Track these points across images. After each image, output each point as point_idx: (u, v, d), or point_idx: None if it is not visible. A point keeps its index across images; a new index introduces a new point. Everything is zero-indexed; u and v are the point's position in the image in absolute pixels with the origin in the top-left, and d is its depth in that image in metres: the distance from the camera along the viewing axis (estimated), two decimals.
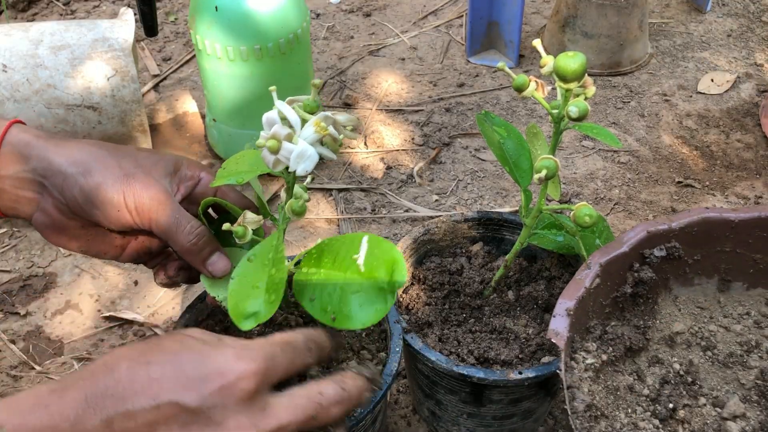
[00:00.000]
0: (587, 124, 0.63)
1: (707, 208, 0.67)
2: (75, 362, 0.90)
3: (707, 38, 1.44)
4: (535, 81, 0.61)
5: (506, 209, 1.08)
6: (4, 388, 0.87)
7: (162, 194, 0.58)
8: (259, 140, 0.53)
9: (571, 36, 1.34)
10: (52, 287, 0.99)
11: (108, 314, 0.95)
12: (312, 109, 0.55)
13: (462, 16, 1.50)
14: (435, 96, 1.30)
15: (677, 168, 1.15)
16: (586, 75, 0.58)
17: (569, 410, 0.56)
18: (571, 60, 0.56)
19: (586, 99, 0.59)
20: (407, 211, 1.08)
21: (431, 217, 1.06)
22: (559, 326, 0.58)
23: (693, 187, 1.11)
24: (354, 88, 1.32)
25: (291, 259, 0.65)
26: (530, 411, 0.74)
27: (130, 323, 0.94)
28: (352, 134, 0.56)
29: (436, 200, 1.10)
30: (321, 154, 0.55)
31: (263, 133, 0.53)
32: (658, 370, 0.62)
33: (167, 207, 0.58)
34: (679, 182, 1.12)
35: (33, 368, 0.90)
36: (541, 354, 0.69)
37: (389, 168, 1.16)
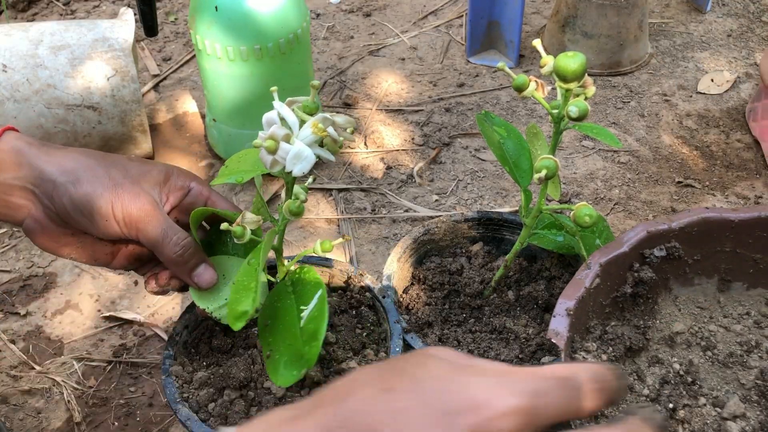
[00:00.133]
0: (587, 124, 0.63)
1: (707, 208, 0.67)
2: (75, 362, 0.90)
3: (707, 38, 1.44)
4: (535, 81, 0.61)
5: (506, 209, 1.08)
6: (4, 388, 0.87)
7: (150, 205, 0.59)
8: (257, 140, 0.53)
9: (571, 36, 1.34)
10: (52, 287, 0.99)
11: (108, 314, 0.95)
12: (311, 110, 0.55)
13: (462, 16, 1.50)
14: (435, 96, 1.30)
15: (677, 168, 1.15)
16: (586, 75, 0.58)
17: None
18: (571, 60, 0.56)
19: (586, 99, 0.59)
20: (407, 211, 1.08)
21: (431, 217, 1.06)
22: (559, 326, 0.58)
23: (693, 187, 1.11)
24: (354, 88, 1.32)
25: (291, 260, 0.65)
26: None
27: (130, 323, 0.94)
28: (350, 136, 0.57)
29: (436, 200, 1.10)
30: (319, 156, 0.55)
31: (261, 134, 0.54)
32: (658, 370, 0.62)
33: (154, 218, 0.59)
34: (679, 182, 1.12)
35: (33, 368, 0.90)
36: (541, 354, 0.69)
37: (389, 168, 1.16)
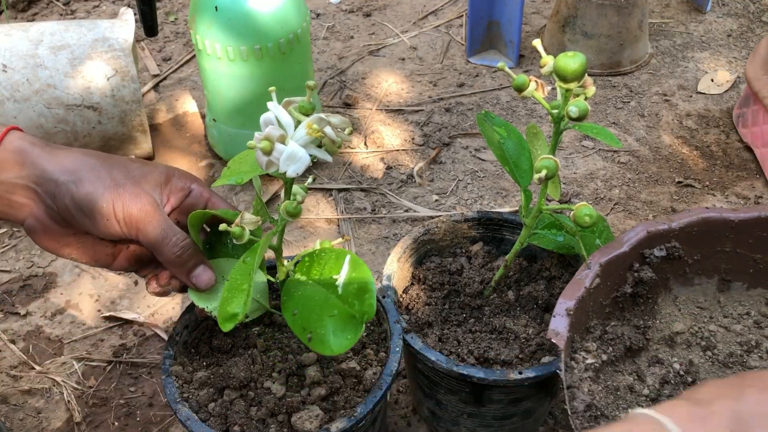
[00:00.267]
0: (587, 124, 0.63)
1: (707, 208, 0.67)
2: (75, 362, 0.90)
3: (707, 38, 1.44)
4: (535, 81, 0.61)
5: (506, 209, 1.08)
6: (4, 388, 0.87)
7: (150, 206, 0.59)
8: (251, 141, 0.53)
9: (571, 36, 1.34)
10: (52, 287, 0.99)
11: (108, 314, 0.95)
12: (307, 111, 0.54)
13: (462, 16, 1.50)
14: (435, 96, 1.30)
15: (677, 168, 1.15)
16: (586, 75, 0.58)
17: (569, 410, 0.56)
18: (571, 60, 0.56)
19: (586, 99, 0.59)
20: (407, 211, 1.08)
21: (431, 217, 1.06)
22: (559, 326, 0.58)
23: (693, 187, 1.11)
24: (354, 88, 1.32)
25: (290, 260, 0.65)
26: (530, 411, 0.74)
27: (130, 323, 0.94)
28: (347, 137, 0.56)
29: (436, 200, 1.10)
30: (315, 156, 0.55)
31: (257, 134, 0.54)
32: (658, 370, 0.62)
33: (154, 219, 0.59)
34: (679, 182, 1.12)
35: (33, 368, 0.90)
36: (541, 354, 0.69)
37: (389, 168, 1.16)
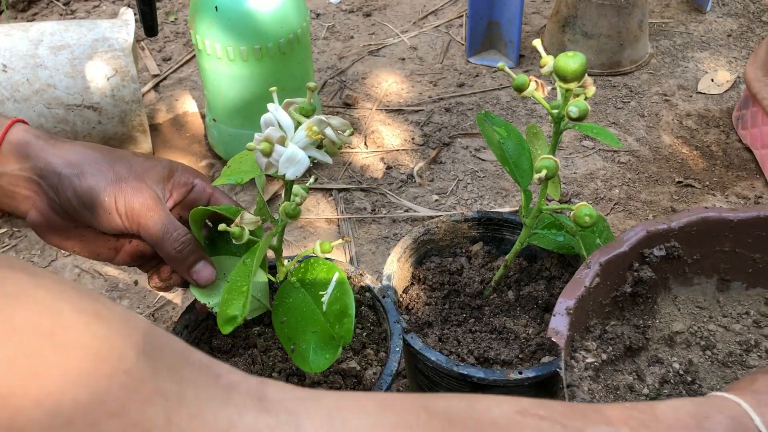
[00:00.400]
0: (587, 124, 0.63)
1: (706, 208, 0.67)
2: None
3: (707, 38, 1.44)
4: (535, 81, 0.61)
5: (506, 209, 1.08)
6: None
7: (152, 200, 0.59)
8: (251, 143, 0.53)
9: (571, 36, 1.34)
10: None
11: None
12: (307, 112, 0.55)
13: (462, 16, 1.50)
14: (435, 96, 1.30)
15: (677, 168, 1.15)
16: (586, 75, 0.58)
17: None
18: (571, 60, 0.56)
19: (586, 99, 0.59)
20: (407, 211, 1.08)
21: (431, 217, 1.06)
22: (559, 325, 0.58)
23: (693, 187, 1.11)
24: (354, 88, 1.32)
25: (290, 260, 0.65)
26: None
27: None
28: (348, 138, 0.57)
29: (436, 200, 1.10)
30: (314, 158, 0.55)
31: (257, 136, 0.54)
32: (658, 370, 0.62)
33: (156, 213, 0.59)
34: (679, 182, 1.12)
35: None
36: (541, 354, 0.69)
37: (389, 168, 1.16)
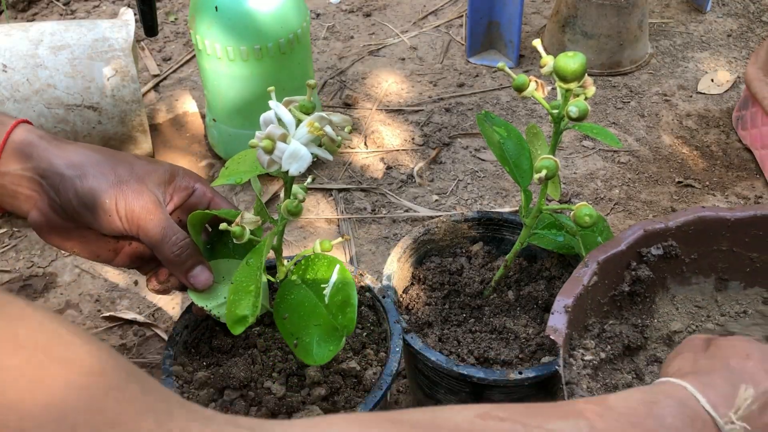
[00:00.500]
0: (587, 124, 0.64)
1: (703, 207, 0.67)
2: None
3: (707, 38, 1.44)
4: (535, 81, 0.61)
5: (506, 209, 1.08)
6: None
7: (152, 204, 0.59)
8: (253, 140, 0.54)
9: (571, 36, 1.34)
10: (52, 287, 0.99)
11: (108, 314, 0.95)
12: (308, 110, 0.55)
13: (462, 16, 1.50)
14: (435, 96, 1.30)
15: (677, 168, 1.15)
16: (586, 75, 0.58)
17: None
18: (571, 60, 0.56)
19: (586, 99, 0.59)
20: (407, 211, 1.08)
21: (431, 217, 1.06)
22: (558, 323, 0.59)
23: (693, 187, 1.11)
24: (354, 88, 1.32)
25: (290, 260, 0.65)
26: None
27: (130, 323, 0.94)
28: (348, 135, 0.57)
29: (436, 200, 1.10)
30: (316, 155, 0.55)
31: (258, 134, 0.54)
32: (657, 369, 0.62)
33: (155, 217, 0.59)
34: (679, 182, 1.12)
35: None
36: (541, 354, 0.69)
37: (389, 168, 1.16)
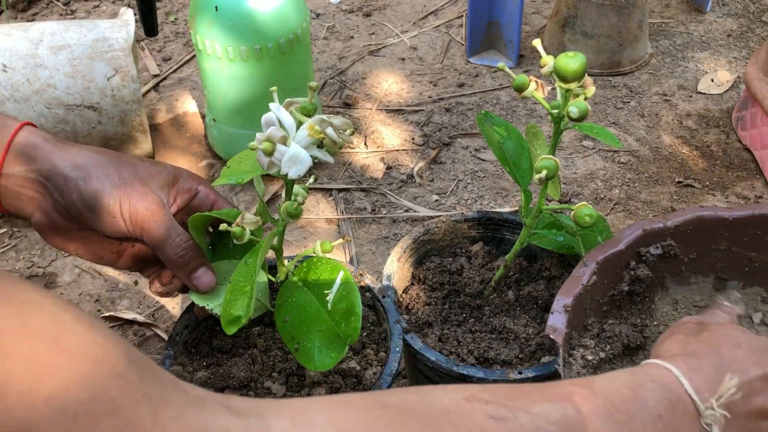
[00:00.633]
0: (587, 124, 0.64)
1: (702, 207, 0.67)
2: None
3: (707, 38, 1.44)
4: (535, 81, 0.61)
5: (506, 209, 1.08)
6: None
7: (156, 205, 0.59)
8: (253, 142, 0.53)
9: (571, 36, 1.34)
10: (52, 287, 0.99)
11: (108, 314, 0.95)
12: (309, 112, 0.55)
13: (462, 16, 1.50)
14: (435, 96, 1.30)
15: (677, 168, 1.15)
16: (586, 75, 0.58)
17: None
18: (571, 60, 0.56)
19: (586, 99, 0.59)
20: (407, 211, 1.08)
21: (431, 217, 1.06)
22: (557, 322, 0.59)
23: (693, 187, 1.11)
24: (354, 88, 1.32)
25: (290, 260, 0.65)
26: None
27: (130, 323, 0.94)
28: (349, 138, 0.57)
29: (436, 200, 1.10)
30: (316, 157, 0.55)
31: (259, 135, 0.54)
32: None
33: (159, 218, 0.59)
34: (679, 182, 1.12)
35: None
36: (541, 354, 0.69)
37: (389, 168, 1.16)
